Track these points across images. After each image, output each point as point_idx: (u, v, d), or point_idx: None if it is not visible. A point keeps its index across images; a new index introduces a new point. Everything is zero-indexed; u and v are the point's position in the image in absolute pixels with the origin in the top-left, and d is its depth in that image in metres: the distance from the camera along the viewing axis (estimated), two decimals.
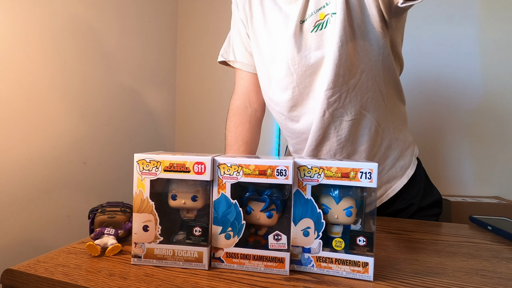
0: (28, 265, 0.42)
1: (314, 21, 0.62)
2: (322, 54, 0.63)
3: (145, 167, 0.42)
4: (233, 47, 0.81)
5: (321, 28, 0.62)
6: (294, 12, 0.64)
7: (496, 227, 0.63)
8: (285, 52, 0.66)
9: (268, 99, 0.76)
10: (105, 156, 1.41)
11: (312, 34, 0.63)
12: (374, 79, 0.67)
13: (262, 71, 0.75)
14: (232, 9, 0.81)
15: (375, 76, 0.67)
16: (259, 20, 0.72)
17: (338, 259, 0.41)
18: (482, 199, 1.30)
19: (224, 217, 0.42)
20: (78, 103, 1.28)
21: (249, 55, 0.79)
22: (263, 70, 0.75)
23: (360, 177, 0.40)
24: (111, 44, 1.43)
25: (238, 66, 0.81)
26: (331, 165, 0.41)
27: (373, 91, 0.67)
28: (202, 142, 1.89)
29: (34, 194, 1.12)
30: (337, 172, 0.41)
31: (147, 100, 1.69)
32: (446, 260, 0.48)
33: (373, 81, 0.67)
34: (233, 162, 0.42)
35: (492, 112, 1.39)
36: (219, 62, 0.85)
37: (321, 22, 0.61)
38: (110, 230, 0.49)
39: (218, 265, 0.43)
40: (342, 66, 0.62)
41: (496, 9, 1.38)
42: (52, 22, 1.16)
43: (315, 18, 0.62)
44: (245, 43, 0.79)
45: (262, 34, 0.72)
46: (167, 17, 1.85)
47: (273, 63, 0.70)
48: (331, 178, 0.41)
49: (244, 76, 0.82)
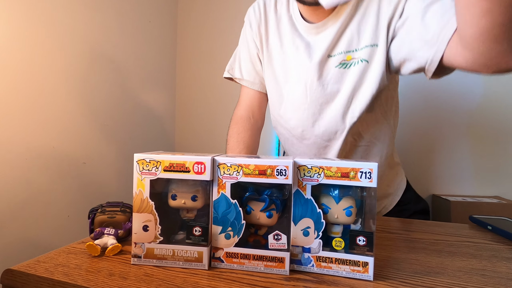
0: (28, 265, 0.42)
1: (341, 59, 0.66)
2: (338, 88, 0.67)
3: (145, 167, 0.42)
4: (240, 64, 0.83)
5: (345, 67, 0.67)
6: (321, 44, 0.68)
7: (496, 227, 0.63)
8: (305, 75, 0.70)
9: (278, 116, 0.79)
10: (105, 156, 1.41)
11: (335, 68, 0.67)
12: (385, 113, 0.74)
13: (274, 89, 0.78)
14: (244, 27, 0.82)
15: (385, 111, 0.73)
16: (275, 42, 0.75)
17: (338, 259, 0.41)
18: (482, 199, 1.30)
19: (224, 217, 0.42)
20: (78, 103, 1.28)
21: (256, 73, 0.82)
22: (275, 88, 0.77)
23: (360, 177, 0.40)
24: (111, 44, 1.43)
25: (244, 83, 0.84)
26: (331, 164, 0.41)
27: (381, 123, 0.74)
28: (202, 142, 1.89)
29: (34, 194, 1.12)
30: (337, 172, 0.41)
31: (147, 100, 1.69)
32: (446, 260, 0.48)
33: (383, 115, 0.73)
34: (233, 162, 0.42)
35: (492, 112, 1.39)
36: (224, 77, 0.88)
37: (347, 63, 0.66)
38: (110, 230, 0.49)
39: (218, 265, 0.43)
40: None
41: None
42: (52, 22, 1.16)
43: (342, 57, 0.66)
44: (253, 62, 0.81)
45: (277, 55, 0.75)
46: (167, 17, 1.85)
47: (286, 83, 0.74)
48: (331, 178, 0.41)
49: (249, 92, 0.85)
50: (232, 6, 1.79)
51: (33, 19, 1.10)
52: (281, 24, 0.75)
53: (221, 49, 1.83)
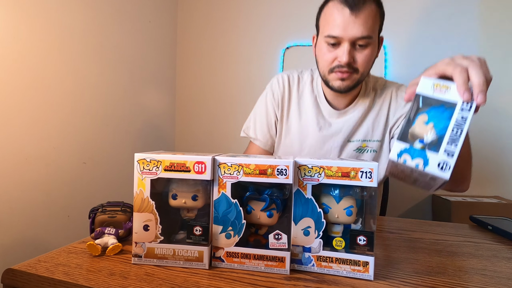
0: (29, 265, 0.42)
1: (358, 145, 0.82)
2: None
3: (146, 166, 0.42)
4: (256, 125, 0.91)
5: (360, 152, 0.82)
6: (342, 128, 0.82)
7: (497, 226, 0.63)
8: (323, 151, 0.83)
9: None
10: (105, 156, 1.41)
11: (353, 152, 0.82)
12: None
13: (287, 152, 0.88)
14: (265, 94, 0.90)
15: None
16: (295, 116, 0.87)
17: (339, 259, 0.41)
18: (482, 199, 1.30)
19: (224, 216, 0.42)
20: (78, 103, 1.28)
21: (269, 136, 0.90)
22: (288, 152, 0.88)
23: (360, 177, 0.40)
24: (111, 44, 1.43)
25: (257, 143, 0.91)
26: (332, 164, 0.41)
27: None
28: (202, 142, 1.89)
29: (34, 194, 1.12)
30: (337, 172, 0.41)
31: (147, 100, 1.69)
32: (447, 260, 0.48)
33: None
34: (234, 161, 0.42)
35: (491, 112, 1.39)
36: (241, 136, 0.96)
37: (362, 149, 0.82)
38: (110, 229, 0.49)
39: (219, 265, 0.43)
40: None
41: (496, 9, 1.38)
42: (52, 23, 1.16)
43: (359, 144, 0.82)
44: (269, 127, 0.90)
45: (295, 126, 0.86)
46: (167, 17, 1.85)
47: (301, 151, 0.85)
48: (331, 178, 0.41)
49: (258, 149, 0.92)
50: (232, 6, 1.79)
51: (33, 19, 1.10)
52: (302, 101, 0.86)
53: (221, 49, 1.83)
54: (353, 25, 0.66)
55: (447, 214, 1.28)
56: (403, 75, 1.47)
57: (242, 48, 1.79)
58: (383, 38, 0.75)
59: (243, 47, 1.79)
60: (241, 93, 1.78)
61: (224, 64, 1.83)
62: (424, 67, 0.47)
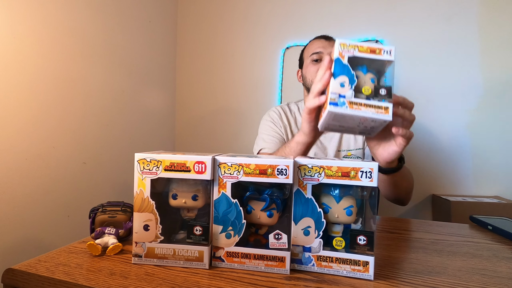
0: (29, 265, 0.42)
1: (345, 154, 0.97)
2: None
3: (146, 166, 0.42)
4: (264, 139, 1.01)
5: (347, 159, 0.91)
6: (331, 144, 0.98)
7: (497, 226, 0.63)
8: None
9: None
10: (105, 156, 1.41)
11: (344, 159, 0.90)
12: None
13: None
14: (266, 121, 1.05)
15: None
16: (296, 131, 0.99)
17: (339, 258, 0.41)
18: (482, 199, 1.30)
19: (224, 216, 0.42)
20: (78, 103, 1.28)
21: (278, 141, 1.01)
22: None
23: (360, 176, 0.40)
24: (111, 44, 1.43)
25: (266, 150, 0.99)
26: (332, 164, 0.41)
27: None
28: (202, 142, 1.89)
29: (34, 194, 1.12)
30: (337, 171, 0.41)
31: (147, 100, 1.69)
32: (447, 260, 0.48)
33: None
34: (234, 161, 0.42)
35: (492, 112, 1.39)
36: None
37: (348, 157, 0.96)
38: (110, 229, 0.49)
39: (219, 264, 0.43)
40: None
41: (496, 9, 1.38)
42: (52, 22, 1.16)
43: (346, 153, 0.97)
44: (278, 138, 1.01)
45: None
46: (167, 17, 1.85)
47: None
48: (331, 177, 0.41)
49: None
50: (232, 6, 1.79)
51: (33, 19, 1.10)
52: (298, 123, 1.04)
53: (221, 49, 1.83)
54: (330, 46, 0.93)
55: (447, 214, 1.28)
56: (403, 75, 1.47)
57: (242, 48, 1.79)
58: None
59: (243, 47, 1.79)
60: (241, 93, 1.78)
61: (224, 64, 1.83)
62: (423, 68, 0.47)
